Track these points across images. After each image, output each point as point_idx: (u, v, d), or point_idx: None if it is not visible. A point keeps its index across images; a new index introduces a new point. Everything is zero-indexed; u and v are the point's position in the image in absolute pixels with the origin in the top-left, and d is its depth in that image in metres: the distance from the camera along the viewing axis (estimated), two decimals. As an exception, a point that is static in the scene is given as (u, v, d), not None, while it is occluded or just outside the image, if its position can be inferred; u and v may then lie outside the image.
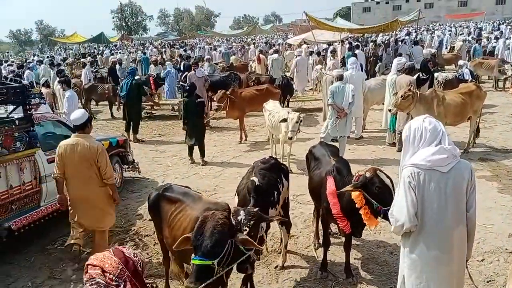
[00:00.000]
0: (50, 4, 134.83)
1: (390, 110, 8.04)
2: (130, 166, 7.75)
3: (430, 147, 2.77)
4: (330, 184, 4.22)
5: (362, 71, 11.08)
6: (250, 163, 8.26)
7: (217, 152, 9.46)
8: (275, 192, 4.31)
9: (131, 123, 10.77)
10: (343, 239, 4.67)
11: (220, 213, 2.99)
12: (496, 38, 20.92)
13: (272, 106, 8.46)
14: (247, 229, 3.09)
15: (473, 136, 8.59)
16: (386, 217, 3.40)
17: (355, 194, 3.79)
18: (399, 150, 8.69)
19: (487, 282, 4.33)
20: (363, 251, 5.03)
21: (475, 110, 8.35)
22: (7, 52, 53.55)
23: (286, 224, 4.71)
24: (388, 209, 3.16)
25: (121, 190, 7.28)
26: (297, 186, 6.87)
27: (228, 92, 10.04)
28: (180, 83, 15.10)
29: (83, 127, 4.74)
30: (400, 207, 2.83)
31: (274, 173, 4.49)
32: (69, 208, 4.83)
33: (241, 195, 4.09)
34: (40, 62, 20.60)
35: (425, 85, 9.45)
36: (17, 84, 5.71)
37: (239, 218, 3.13)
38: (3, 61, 25.42)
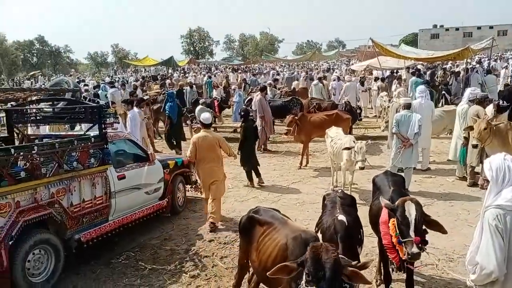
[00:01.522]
0: (125, 29, 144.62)
1: (475, 146, 7.54)
2: (193, 186, 7.95)
3: None
4: (384, 214, 4.09)
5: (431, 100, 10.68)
6: (309, 189, 8.31)
7: (276, 177, 9.45)
8: (361, 230, 4.22)
9: (174, 141, 11.49)
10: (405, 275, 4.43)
11: (330, 245, 2.91)
12: None
13: (334, 133, 8.35)
14: (347, 286, 2.93)
15: None
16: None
17: (391, 222, 3.79)
18: (470, 185, 8.20)
19: None
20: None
21: None
22: (84, 73, 57.98)
23: None
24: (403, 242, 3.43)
25: (183, 210, 7.48)
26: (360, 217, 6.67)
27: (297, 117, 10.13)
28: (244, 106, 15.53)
29: (209, 126, 7.17)
30: (487, 254, 2.62)
31: (355, 208, 4.44)
32: (200, 183, 7.14)
33: (327, 235, 3.84)
34: (112, 83, 21.95)
35: (505, 114, 8.89)
36: (95, 104, 6.12)
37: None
38: (81, 81, 27.39)
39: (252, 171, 8.86)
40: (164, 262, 5.61)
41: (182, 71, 40.22)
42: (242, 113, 9.23)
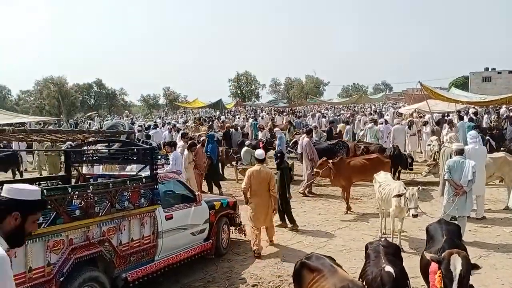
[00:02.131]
0: (177, 74, 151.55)
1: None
2: (237, 228, 7.96)
3: None
4: (434, 264, 3.96)
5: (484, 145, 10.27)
6: (356, 236, 8.08)
7: (321, 221, 9.28)
8: (408, 282, 4.09)
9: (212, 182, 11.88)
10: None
11: None
12: None
13: (383, 178, 8.15)
14: None
15: None
16: None
17: (438, 273, 3.70)
18: (531, 236, 7.66)
19: None
20: None
21: None
22: (137, 114, 60.80)
23: None
24: None
25: (227, 252, 7.46)
26: (408, 267, 6.28)
27: (331, 160, 10.07)
28: (288, 148, 15.61)
29: (263, 161, 7.95)
30: None
31: (400, 258, 4.36)
32: (252, 213, 7.53)
33: (373, 286, 3.75)
34: (156, 125, 22.87)
35: None
36: (148, 146, 6.39)
37: None
38: (134, 122, 28.72)
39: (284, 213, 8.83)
40: (207, 305, 5.57)
41: (230, 114, 41.27)
42: (278, 155, 9.25)
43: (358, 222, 9.12)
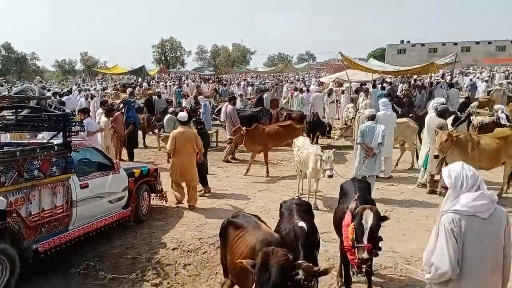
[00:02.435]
0: (95, 37, 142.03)
1: (436, 157, 7.83)
2: (158, 195, 7.89)
3: (470, 193, 2.76)
4: (347, 218, 4.27)
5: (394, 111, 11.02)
6: (276, 197, 8.38)
7: (243, 185, 9.49)
8: (317, 234, 4.34)
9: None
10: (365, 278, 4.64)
11: (281, 250, 3.07)
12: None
13: (301, 142, 8.51)
14: None
15: (507, 181, 8.30)
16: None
17: (351, 226, 4.00)
18: (430, 192, 8.50)
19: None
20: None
21: (510, 155, 8.10)
22: (50, 80, 56.58)
23: None
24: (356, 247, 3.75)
25: (147, 219, 7.39)
26: (322, 224, 6.74)
27: (244, 127, 10.42)
28: (213, 116, 15.58)
29: (186, 123, 8.22)
30: (442, 255, 2.78)
31: (311, 215, 4.62)
32: (173, 170, 8.00)
33: (287, 241, 3.88)
34: (69, 92, 21.54)
35: (463, 126, 9.30)
36: (60, 112, 6.01)
37: (297, 277, 3.07)
38: (47, 89, 26.72)
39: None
40: (125, 271, 5.52)
41: (153, 80, 39.90)
42: (197, 122, 9.40)
43: (278, 185, 9.48)
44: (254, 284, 2.98)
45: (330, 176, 7.32)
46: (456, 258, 2.73)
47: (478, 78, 27.46)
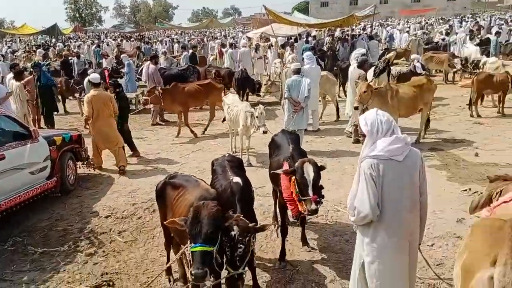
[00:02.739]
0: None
1: (357, 108, 8.13)
2: (85, 163, 7.53)
3: (386, 138, 2.89)
4: (285, 169, 4.35)
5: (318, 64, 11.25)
6: (209, 157, 8.29)
7: (176, 147, 9.35)
8: (252, 189, 4.40)
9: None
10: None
11: (212, 202, 3.19)
12: (447, 33, 21.75)
13: (231, 100, 8.44)
14: (243, 246, 3.14)
15: (424, 127, 8.93)
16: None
17: (292, 179, 4.12)
18: (355, 142, 8.94)
19: (437, 265, 4.53)
20: (320, 240, 5.14)
21: (425, 103, 8.64)
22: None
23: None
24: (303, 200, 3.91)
25: (75, 188, 7.06)
26: (257, 179, 6.90)
27: (159, 88, 10.08)
28: (137, 76, 14.86)
29: (98, 85, 7.88)
30: (362, 199, 2.94)
31: (243, 170, 4.65)
32: (95, 136, 7.64)
33: (224, 198, 3.86)
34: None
35: (384, 76, 9.73)
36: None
37: (232, 233, 3.12)
38: None
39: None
40: (56, 243, 5.29)
41: (69, 40, 37.03)
42: (114, 85, 8.75)
43: (211, 144, 9.44)
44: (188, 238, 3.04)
45: (265, 132, 7.38)
46: (376, 201, 2.91)
47: (396, 29, 28.75)
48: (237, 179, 3.98)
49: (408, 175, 2.90)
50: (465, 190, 6.26)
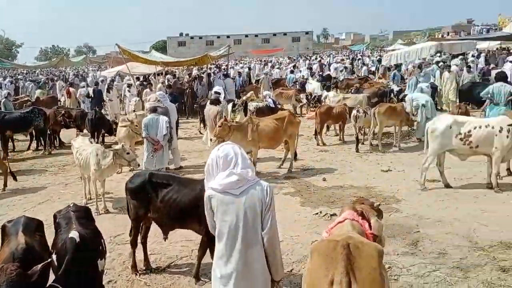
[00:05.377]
0: None
1: (211, 140, 8.32)
2: None
3: (223, 172, 2.92)
4: None
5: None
6: (62, 206, 7.53)
7: (19, 200, 8.24)
8: (102, 240, 3.97)
9: None
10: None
11: (12, 265, 2.89)
12: (291, 71, 23.86)
13: (79, 143, 7.75)
14: None
15: (292, 158, 9.36)
16: None
17: None
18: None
19: (298, 291, 4.71)
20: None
21: (290, 135, 9.08)
22: None
23: None
24: None
25: None
26: (114, 226, 6.50)
27: None
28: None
29: None
30: (210, 224, 3.06)
31: (91, 219, 4.18)
32: None
33: (61, 254, 3.45)
34: None
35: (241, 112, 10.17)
36: None
37: None
38: None
39: None
40: None
41: None
42: None
43: (61, 193, 8.57)
44: None
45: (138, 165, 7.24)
46: (213, 229, 3.04)
47: (244, 68, 30.75)
48: (73, 234, 3.54)
49: (246, 209, 2.90)
50: (317, 213, 6.76)
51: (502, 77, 9.69)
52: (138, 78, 20.50)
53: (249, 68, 28.87)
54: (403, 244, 5.52)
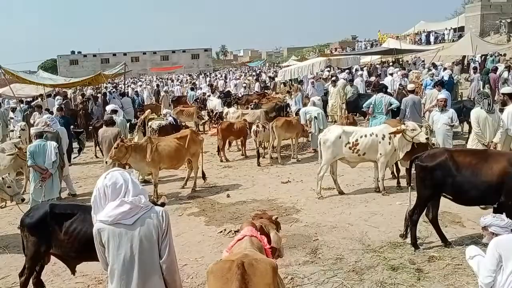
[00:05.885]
0: None
1: (106, 162, 7.92)
2: None
3: (112, 202, 2.73)
4: None
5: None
6: None
7: None
8: None
9: None
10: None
11: None
12: (192, 89, 23.78)
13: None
14: None
15: (188, 176, 9.30)
16: None
17: None
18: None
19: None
20: None
21: (193, 154, 8.98)
22: None
23: None
24: None
25: None
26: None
27: None
28: None
29: None
30: (101, 261, 2.89)
31: None
32: None
33: None
34: None
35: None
36: None
37: None
38: None
39: None
40: None
41: None
42: None
43: None
44: None
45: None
46: (106, 265, 2.86)
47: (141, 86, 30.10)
48: None
49: (140, 238, 2.76)
50: (221, 231, 6.74)
51: (381, 88, 10.78)
52: (22, 101, 18.82)
53: (158, 85, 28.41)
54: (303, 254, 5.74)
